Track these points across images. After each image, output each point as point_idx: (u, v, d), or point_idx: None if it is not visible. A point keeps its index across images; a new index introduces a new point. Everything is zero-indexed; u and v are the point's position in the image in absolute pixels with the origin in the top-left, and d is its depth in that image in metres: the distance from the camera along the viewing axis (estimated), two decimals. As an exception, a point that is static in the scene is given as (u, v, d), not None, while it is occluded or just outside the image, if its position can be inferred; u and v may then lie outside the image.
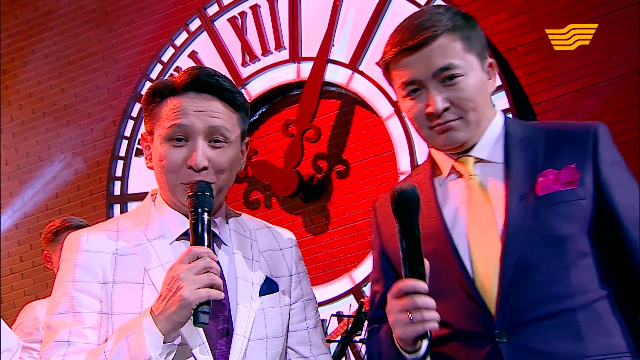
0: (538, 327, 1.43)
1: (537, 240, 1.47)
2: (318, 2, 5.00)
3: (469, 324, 1.47)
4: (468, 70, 1.53)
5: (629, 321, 1.50)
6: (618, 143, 4.38)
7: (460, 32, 1.54)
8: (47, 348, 1.45)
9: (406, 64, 1.54)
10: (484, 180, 1.56)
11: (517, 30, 4.51)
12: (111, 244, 1.52)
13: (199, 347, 1.45)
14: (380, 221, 1.66)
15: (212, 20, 5.24)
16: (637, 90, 4.20)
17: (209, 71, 1.54)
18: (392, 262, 1.60)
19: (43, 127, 5.75)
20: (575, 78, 4.33)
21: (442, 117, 1.52)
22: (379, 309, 1.58)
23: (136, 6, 5.59)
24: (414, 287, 1.37)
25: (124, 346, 1.36)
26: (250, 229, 1.65)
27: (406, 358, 1.44)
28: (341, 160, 4.93)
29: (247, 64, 5.14)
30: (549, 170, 1.51)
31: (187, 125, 1.49)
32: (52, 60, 5.79)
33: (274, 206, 5.09)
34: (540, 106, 4.40)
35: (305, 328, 1.62)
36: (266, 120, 5.19)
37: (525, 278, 1.45)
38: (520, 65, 4.48)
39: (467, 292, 1.47)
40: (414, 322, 1.36)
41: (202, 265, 1.36)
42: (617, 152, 1.57)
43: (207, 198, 1.45)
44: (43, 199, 5.64)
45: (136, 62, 5.49)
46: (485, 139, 1.58)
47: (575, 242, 1.47)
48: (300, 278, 1.65)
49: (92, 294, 1.47)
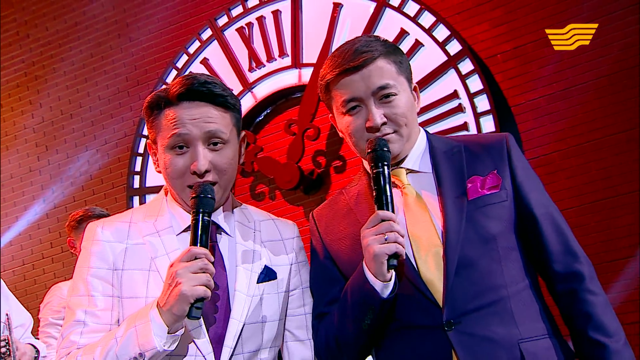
0: (479, 315, 1.46)
1: (472, 239, 1.49)
2: (317, 14, 5.00)
3: (420, 316, 1.48)
4: (401, 90, 1.57)
5: (546, 306, 1.54)
6: (585, 142, 4.56)
7: (393, 57, 1.58)
8: (67, 326, 1.48)
9: (347, 83, 1.56)
10: (417, 188, 1.57)
11: (497, 39, 4.52)
12: (123, 235, 1.53)
13: (196, 329, 1.45)
14: (322, 229, 1.65)
15: (222, 30, 5.25)
16: (604, 94, 4.22)
17: (199, 79, 1.51)
18: (336, 263, 1.60)
19: (70, 127, 5.76)
20: (549, 83, 4.34)
21: (381, 130, 1.55)
22: (326, 306, 1.58)
23: (154, 18, 5.58)
24: (390, 216, 1.41)
25: (133, 334, 1.36)
26: (255, 220, 1.63)
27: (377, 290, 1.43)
28: (338, 157, 4.94)
29: (254, 70, 5.14)
30: (475, 177, 1.54)
31: (186, 133, 1.48)
32: (79, 67, 5.80)
33: (277, 198, 5.09)
34: (517, 108, 4.42)
35: (303, 313, 1.61)
36: (270, 121, 5.18)
37: (465, 273, 1.47)
38: (499, 71, 4.49)
39: (417, 288, 1.48)
40: (388, 241, 1.38)
41: (199, 265, 1.36)
42: (523, 156, 1.61)
43: (209, 200, 1.44)
44: (70, 191, 5.64)
45: (153, 68, 5.49)
46: (413, 152, 1.61)
47: (504, 239, 1.50)
48: (300, 267, 1.63)
49: (105, 279, 1.49)
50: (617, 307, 4.04)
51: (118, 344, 1.36)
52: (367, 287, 1.44)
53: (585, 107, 4.26)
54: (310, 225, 1.69)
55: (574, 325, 1.51)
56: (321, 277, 1.62)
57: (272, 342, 1.55)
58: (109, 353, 1.37)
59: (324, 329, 1.57)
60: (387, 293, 1.44)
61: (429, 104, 4.60)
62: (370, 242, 1.41)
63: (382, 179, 1.45)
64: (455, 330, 1.44)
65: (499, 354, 1.43)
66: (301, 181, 4.90)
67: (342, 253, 1.59)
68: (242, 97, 5.10)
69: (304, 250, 1.67)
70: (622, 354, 1.46)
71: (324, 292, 1.61)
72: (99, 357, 1.37)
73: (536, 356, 1.44)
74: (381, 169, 1.46)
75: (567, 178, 4.23)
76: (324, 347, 1.57)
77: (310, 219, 1.70)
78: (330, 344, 1.55)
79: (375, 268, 1.41)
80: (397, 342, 1.52)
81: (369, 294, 1.44)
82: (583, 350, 1.50)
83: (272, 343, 1.55)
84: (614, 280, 4.07)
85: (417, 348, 1.48)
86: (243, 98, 5.12)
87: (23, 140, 5.96)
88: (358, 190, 1.63)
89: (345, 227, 1.61)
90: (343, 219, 1.63)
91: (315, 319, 1.61)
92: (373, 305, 1.45)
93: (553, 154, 4.31)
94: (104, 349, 1.38)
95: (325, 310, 1.59)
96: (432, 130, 2.47)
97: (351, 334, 1.51)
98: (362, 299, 1.46)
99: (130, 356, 1.35)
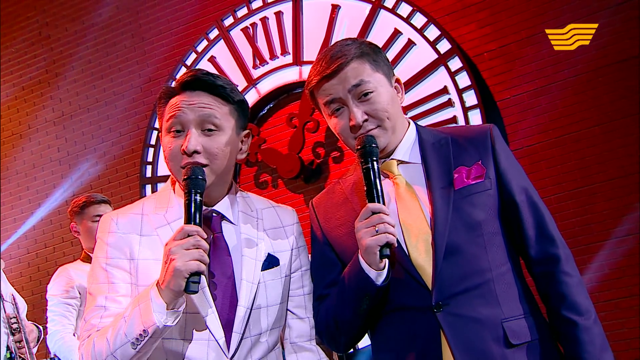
0: (465, 298, 1.44)
1: (459, 226, 1.47)
2: (317, 14, 5.00)
3: (411, 298, 1.47)
4: (378, 87, 1.54)
5: (527, 287, 1.54)
6: (565, 134, 4.61)
7: (367, 57, 1.56)
8: (89, 310, 1.46)
9: (327, 88, 1.55)
10: (408, 178, 1.56)
11: (483, 39, 4.55)
12: (136, 226, 1.49)
13: (209, 316, 1.43)
14: (321, 216, 1.64)
15: (228, 30, 5.27)
16: (581, 90, 4.26)
17: (203, 71, 1.50)
18: (334, 248, 1.60)
19: (87, 120, 5.78)
20: (532, 80, 4.38)
21: (363, 127, 1.53)
22: (325, 288, 1.58)
23: (164, 19, 5.60)
24: (380, 208, 1.40)
25: (137, 313, 1.35)
26: (257, 209, 1.60)
27: (372, 278, 1.43)
28: (337, 148, 4.95)
29: (257, 67, 5.16)
30: (461, 167, 1.53)
31: (181, 116, 1.46)
32: (95, 65, 5.83)
33: (280, 186, 5.10)
34: (502, 102, 4.44)
35: (302, 294, 1.60)
36: (273, 114, 5.20)
37: (453, 258, 1.46)
38: (486, 68, 4.52)
39: (408, 272, 1.47)
40: (379, 232, 1.38)
41: (191, 242, 1.32)
42: (507, 146, 1.60)
43: (200, 181, 1.41)
44: (87, 180, 5.66)
45: (164, 66, 5.50)
46: (403, 144, 1.58)
47: (488, 225, 1.49)
48: (299, 251, 1.61)
49: (122, 268, 1.47)
50: (593, 286, 4.10)
51: (126, 323, 1.36)
52: (363, 276, 1.43)
53: (565, 102, 4.29)
54: (310, 213, 1.67)
55: (550, 304, 1.51)
56: (320, 261, 1.61)
57: (276, 324, 1.54)
58: (119, 332, 1.35)
59: (324, 310, 1.57)
60: (381, 280, 1.43)
61: (420, 99, 4.61)
62: (362, 235, 1.40)
63: (372, 173, 1.44)
64: (444, 311, 1.43)
65: (483, 333, 1.43)
66: (302, 171, 4.93)
67: (339, 239, 1.58)
68: (246, 93, 5.08)
69: (302, 235, 1.64)
70: (591, 330, 1.47)
71: (323, 275, 1.60)
72: (111, 337, 1.37)
73: (517, 334, 1.44)
74: (370, 165, 1.45)
75: (549, 168, 4.25)
76: (324, 326, 1.57)
77: (310, 207, 1.68)
78: (329, 324, 1.55)
79: (369, 258, 1.41)
80: (390, 322, 1.52)
81: (365, 282, 1.43)
82: (557, 327, 1.50)
83: (276, 324, 1.54)
84: (591, 262, 4.11)
85: (408, 328, 1.48)
86: (247, 93, 5.11)
87: (44, 132, 5.99)
88: (354, 180, 1.62)
89: (342, 215, 1.59)
90: (340, 208, 1.61)
91: (316, 301, 1.60)
92: (369, 292, 1.44)
93: (536, 145, 4.33)
94: (115, 330, 1.37)
95: (324, 292, 1.58)
96: (424, 123, 2.41)
97: (348, 316, 1.51)
98: (358, 287, 1.45)
99: (136, 333, 1.34)
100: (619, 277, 4.10)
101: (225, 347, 1.43)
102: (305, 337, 1.59)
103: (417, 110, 4.59)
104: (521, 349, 1.44)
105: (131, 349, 1.34)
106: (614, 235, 4.11)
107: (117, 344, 1.35)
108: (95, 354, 1.37)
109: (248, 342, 1.47)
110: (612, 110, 4.22)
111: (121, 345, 1.34)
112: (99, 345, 1.38)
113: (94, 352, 1.38)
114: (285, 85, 5.11)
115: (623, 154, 4.17)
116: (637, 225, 4.09)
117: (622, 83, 4.21)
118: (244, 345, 1.46)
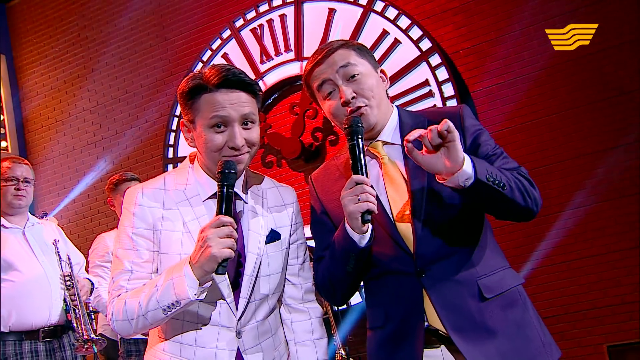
0: (445, 263, 1.42)
1: (434, 200, 1.44)
2: (316, 17, 4.98)
3: (397, 264, 1.45)
4: (364, 71, 1.51)
5: (496, 245, 1.53)
6: (528, 121, 4.62)
7: (352, 47, 1.54)
8: (116, 273, 1.44)
9: (318, 72, 1.53)
10: (392, 157, 1.53)
11: (459, 38, 4.54)
12: (159, 200, 1.46)
13: (221, 283, 1.44)
14: (319, 189, 1.61)
15: (239, 31, 5.25)
16: (542, 83, 4.27)
17: (233, 71, 1.44)
18: (331, 218, 1.57)
19: (118, 109, 5.80)
20: (500, 74, 4.39)
21: (353, 103, 1.49)
22: (323, 251, 1.56)
23: (184, 21, 5.57)
24: (363, 179, 1.36)
25: (170, 285, 1.34)
26: (263, 188, 1.57)
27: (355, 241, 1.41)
28: (333, 132, 4.96)
29: (264, 62, 5.13)
30: None
31: (225, 115, 1.41)
32: (125, 61, 5.82)
33: (283, 166, 5.10)
34: (475, 94, 4.45)
35: (297, 264, 1.58)
36: (278, 103, 5.18)
37: (431, 229, 1.43)
38: (462, 64, 4.51)
39: (395, 241, 1.45)
40: (361, 201, 1.35)
41: (225, 232, 1.31)
42: (477, 122, 1.54)
43: (233, 175, 1.38)
44: (118, 160, 5.69)
45: (184, 62, 5.49)
46: (388, 126, 1.55)
47: (461, 199, 1.43)
48: (297, 226, 1.59)
49: (146, 237, 1.44)
50: (550, 250, 4.19)
51: (159, 292, 1.35)
52: (348, 239, 1.41)
53: (528, 93, 4.31)
54: (309, 186, 1.65)
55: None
56: (319, 228, 1.60)
57: (276, 289, 1.53)
58: (151, 298, 1.35)
59: (321, 270, 1.56)
60: (364, 243, 1.41)
61: (405, 90, 4.60)
62: (347, 203, 1.37)
63: (357, 149, 1.40)
64: (426, 276, 1.42)
65: (461, 290, 1.41)
66: (302, 152, 4.94)
67: (335, 210, 1.55)
68: (254, 85, 5.11)
69: (300, 212, 1.62)
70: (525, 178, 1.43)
71: (322, 239, 1.58)
72: (143, 300, 1.36)
73: (490, 288, 1.43)
74: (355, 142, 1.40)
75: (514, 150, 4.24)
76: (322, 284, 1.56)
77: (309, 181, 1.65)
78: (325, 282, 1.55)
79: (352, 223, 1.39)
80: (379, 285, 1.51)
81: (350, 244, 1.41)
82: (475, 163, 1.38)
83: (276, 290, 1.53)
84: (549, 230, 4.18)
85: (395, 289, 1.45)
86: (255, 85, 5.14)
87: (82, 119, 5.99)
88: (346, 158, 1.58)
89: (337, 188, 1.55)
90: (335, 182, 1.59)
91: (316, 262, 1.58)
92: (353, 252, 1.43)
93: (504, 131, 4.33)
94: (147, 295, 1.36)
95: (322, 254, 1.57)
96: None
97: (339, 275, 1.49)
98: (345, 248, 1.43)
99: (169, 302, 1.33)
100: (571, 243, 4.17)
101: (235, 309, 1.44)
102: (297, 300, 1.59)
103: (402, 100, 4.57)
104: (494, 300, 1.42)
105: (162, 314, 1.35)
106: (567, 207, 4.16)
107: (150, 308, 1.35)
108: (127, 312, 1.38)
109: (253, 305, 1.47)
110: (568, 101, 4.24)
111: (153, 310, 1.35)
112: (131, 305, 1.38)
113: (125, 310, 1.38)
114: (288, 78, 5.09)
115: (576, 138, 4.21)
116: (587, 199, 4.14)
117: (577, 77, 4.22)
118: (249, 307, 1.46)
